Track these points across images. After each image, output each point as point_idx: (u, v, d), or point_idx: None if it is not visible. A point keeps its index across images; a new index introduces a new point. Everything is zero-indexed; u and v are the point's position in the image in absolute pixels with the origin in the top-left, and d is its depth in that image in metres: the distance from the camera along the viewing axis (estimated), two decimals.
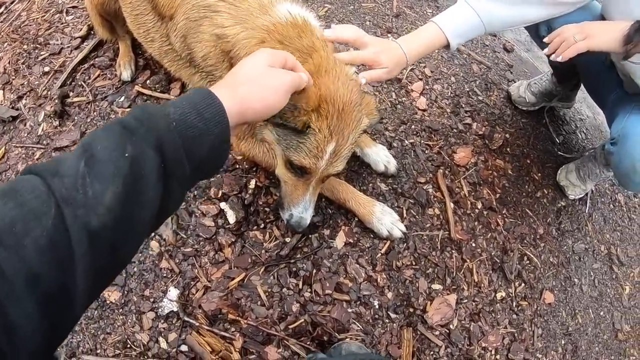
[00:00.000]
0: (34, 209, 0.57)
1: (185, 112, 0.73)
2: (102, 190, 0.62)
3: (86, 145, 0.65)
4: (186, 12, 1.52)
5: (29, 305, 0.55)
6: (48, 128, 1.94)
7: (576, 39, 1.54)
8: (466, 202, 2.00)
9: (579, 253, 2.20)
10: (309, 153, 1.32)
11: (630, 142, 1.64)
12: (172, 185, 0.71)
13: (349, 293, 1.66)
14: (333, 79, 1.28)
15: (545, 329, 1.96)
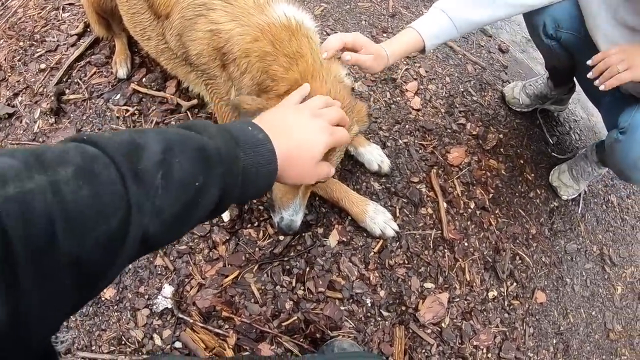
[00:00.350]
0: (107, 206, 0.57)
1: (248, 166, 0.78)
2: (166, 207, 0.65)
3: (167, 152, 0.67)
4: (181, 10, 1.53)
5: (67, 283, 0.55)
6: (44, 125, 1.95)
7: (619, 69, 1.52)
8: (459, 202, 2.01)
9: (571, 253, 2.22)
10: None
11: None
12: (214, 213, 0.77)
13: (341, 291, 1.67)
14: (320, 84, 1.28)
15: (536, 328, 1.97)
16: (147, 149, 0.65)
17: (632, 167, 1.70)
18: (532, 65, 2.83)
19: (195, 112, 1.96)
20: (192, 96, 1.96)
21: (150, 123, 1.91)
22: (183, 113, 1.95)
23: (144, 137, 0.67)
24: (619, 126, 1.72)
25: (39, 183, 0.52)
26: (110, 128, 1.90)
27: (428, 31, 1.61)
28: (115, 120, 1.93)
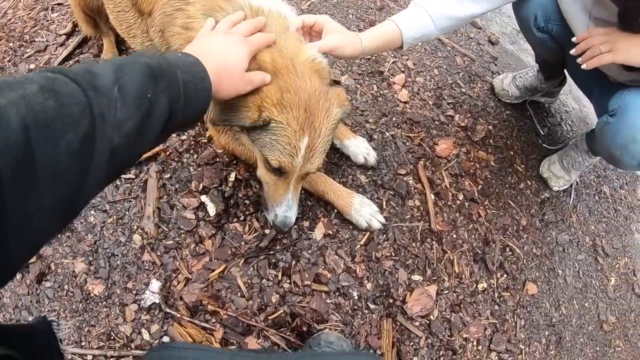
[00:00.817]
0: (72, 114, 0.64)
1: (187, 81, 0.91)
2: (126, 118, 0.74)
3: (118, 71, 0.77)
4: (162, 6, 1.54)
5: (46, 199, 0.61)
6: None
7: (602, 50, 1.52)
8: (447, 194, 2.00)
9: (563, 244, 2.20)
10: (284, 150, 1.32)
11: (632, 112, 1.62)
12: (167, 129, 0.86)
13: (327, 284, 1.67)
14: (293, 70, 1.28)
15: (528, 320, 1.96)
16: (101, 71, 0.75)
17: (622, 148, 1.67)
18: (523, 56, 2.82)
19: None
20: None
21: None
22: None
23: (96, 65, 0.77)
24: (609, 109, 1.71)
25: (10, 98, 0.59)
26: None
27: (407, 27, 1.59)
28: None
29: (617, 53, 1.51)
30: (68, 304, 1.65)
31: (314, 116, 1.30)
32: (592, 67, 1.55)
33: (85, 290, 1.66)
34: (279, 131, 1.30)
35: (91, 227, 1.73)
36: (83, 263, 1.69)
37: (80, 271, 1.68)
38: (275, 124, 1.29)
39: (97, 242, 1.71)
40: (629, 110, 1.63)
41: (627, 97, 1.66)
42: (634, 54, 1.50)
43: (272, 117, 1.28)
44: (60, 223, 0.70)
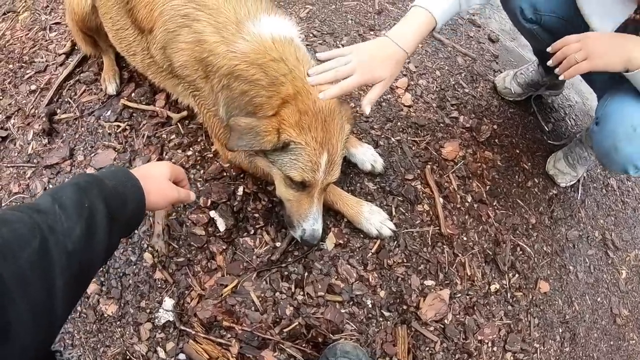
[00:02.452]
0: (24, 234, 0.77)
1: (116, 184, 1.03)
2: (74, 226, 0.86)
3: (54, 195, 0.91)
4: (164, 23, 1.54)
5: (21, 307, 0.71)
6: (38, 146, 1.96)
7: (577, 59, 1.51)
8: (455, 197, 2.00)
9: (573, 240, 2.20)
10: (305, 168, 1.41)
11: (612, 120, 1.64)
12: (114, 229, 0.97)
13: (341, 294, 1.67)
14: (310, 93, 1.36)
15: (541, 319, 1.96)
16: (39, 200, 0.90)
17: (605, 156, 1.72)
18: (523, 53, 2.81)
19: (186, 123, 1.96)
20: (181, 108, 1.96)
21: (142, 137, 1.92)
22: (174, 125, 1.95)
23: (35, 201, 0.92)
24: (595, 116, 1.74)
25: None
26: (102, 145, 1.91)
27: (438, 8, 1.53)
28: (107, 137, 1.94)
29: (592, 59, 1.50)
30: (82, 325, 1.65)
31: (331, 134, 1.40)
32: (571, 77, 1.55)
33: (99, 311, 1.66)
34: (299, 151, 1.39)
35: None
36: (95, 284, 1.69)
37: (93, 292, 1.68)
38: (295, 145, 1.37)
39: (108, 262, 1.71)
40: (610, 119, 1.65)
41: (608, 107, 1.68)
42: (610, 59, 1.49)
43: (291, 138, 1.36)
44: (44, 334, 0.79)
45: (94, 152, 1.90)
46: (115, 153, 1.88)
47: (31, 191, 1.86)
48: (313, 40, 2.34)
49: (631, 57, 1.47)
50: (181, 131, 1.94)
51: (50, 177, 1.87)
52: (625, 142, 1.60)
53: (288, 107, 1.37)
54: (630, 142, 1.59)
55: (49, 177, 1.87)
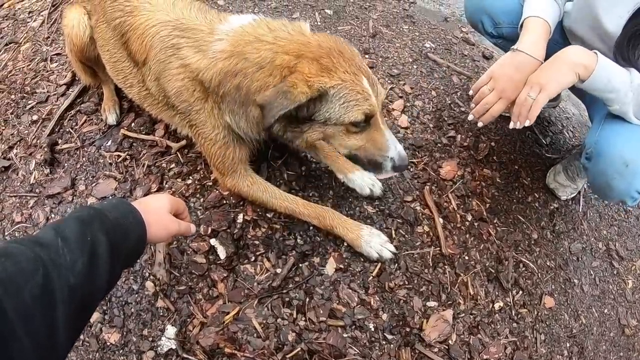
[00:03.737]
0: (27, 268, 0.78)
1: (117, 216, 1.04)
2: (76, 260, 0.87)
3: (56, 228, 0.91)
4: (156, 55, 1.57)
5: (24, 341, 0.72)
6: (40, 176, 1.98)
7: (532, 97, 1.54)
8: (455, 216, 2.00)
9: (577, 253, 2.19)
10: (359, 101, 1.36)
11: (603, 159, 1.62)
12: (116, 261, 0.98)
13: (343, 318, 1.66)
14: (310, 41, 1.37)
15: (548, 334, 1.95)
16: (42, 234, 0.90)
17: (600, 191, 1.77)
18: None
19: (186, 152, 1.97)
20: (180, 137, 1.98)
21: (142, 167, 1.93)
22: (174, 154, 1.96)
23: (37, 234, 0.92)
24: (586, 149, 1.73)
25: None
26: (103, 175, 1.92)
27: (548, 14, 1.63)
28: (108, 166, 1.95)
29: (547, 88, 1.52)
30: (85, 354, 1.64)
31: (352, 59, 1.36)
32: (534, 118, 1.57)
33: (101, 339, 1.65)
34: (342, 91, 1.34)
35: None
36: (97, 312, 1.69)
37: (95, 320, 1.68)
38: (334, 88, 1.33)
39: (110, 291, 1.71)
40: (601, 156, 1.63)
41: (599, 139, 1.66)
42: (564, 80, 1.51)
43: (326, 85, 1.32)
44: None
45: (95, 181, 1.92)
46: (116, 183, 1.89)
47: (33, 220, 1.87)
48: None
49: (574, 62, 1.49)
50: (181, 160, 1.95)
51: (53, 207, 1.88)
52: (619, 179, 1.59)
53: (301, 63, 1.33)
54: (623, 178, 1.58)
55: (51, 206, 1.88)
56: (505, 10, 1.92)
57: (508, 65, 1.63)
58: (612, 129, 1.64)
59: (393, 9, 2.89)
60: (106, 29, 1.77)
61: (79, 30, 1.88)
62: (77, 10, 1.90)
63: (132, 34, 1.63)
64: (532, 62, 1.58)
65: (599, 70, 1.48)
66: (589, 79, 1.50)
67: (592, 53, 1.51)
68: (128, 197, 1.86)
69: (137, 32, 1.61)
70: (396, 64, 2.50)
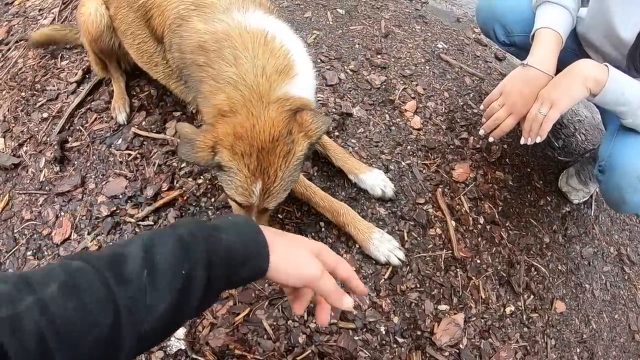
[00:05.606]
0: (93, 314, 0.62)
1: (232, 242, 0.80)
2: (159, 302, 0.69)
3: (148, 250, 0.72)
4: (170, 25, 1.56)
5: None
6: (49, 174, 1.97)
7: (542, 112, 1.52)
8: (468, 219, 1.98)
9: (588, 257, 2.17)
10: (237, 190, 1.33)
11: (617, 173, 1.61)
12: (209, 297, 0.80)
13: (354, 321, 1.64)
14: (249, 113, 1.26)
15: (558, 339, 1.93)
16: (129, 254, 0.71)
17: (614, 205, 1.76)
18: None
19: None
20: None
21: (153, 166, 1.91)
22: None
23: (126, 247, 0.73)
24: (599, 161, 1.71)
25: (27, 303, 0.58)
26: (114, 173, 1.91)
27: (560, 25, 1.61)
28: (119, 165, 1.94)
29: (558, 104, 1.50)
30: None
31: (269, 163, 1.27)
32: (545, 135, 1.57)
33: None
34: (232, 174, 1.31)
35: None
36: None
37: None
38: (227, 168, 1.30)
39: None
40: (615, 170, 1.62)
41: (613, 151, 1.64)
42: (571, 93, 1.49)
43: (223, 162, 1.28)
44: None
45: (105, 180, 1.90)
46: (127, 181, 1.88)
47: (43, 218, 1.86)
48: (321, 66, 2.33)
49: (586, 76, 1.46)
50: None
51: (62, 205, 1.87)
52: (632, 193, 1.59)
53: (225, 124, 1.27)
54: (637, 192, 1.58)
55: (60, 204, 1.87)
56: (517, 19, 1.89)
57: (518, 80, 1.61)
58: (626, 141, 1.62)
59: (405, 8, 2.87)
60: (128, 12, 1.76)
61: (96, 17, 1.87)
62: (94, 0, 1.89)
63: (155, 10, 1.62)
64: (543, 77, 1.55)
65: (611, 84, 1.46)
66: (600, 93, 1.48)
67: (603, 66, 1.48)
68: (138, 195, 1.84)
69: (159, 9, 1.60)
70: (409, 65, 2.48)
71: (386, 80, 2.36)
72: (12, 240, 1.83)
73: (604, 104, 1.54)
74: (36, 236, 1.82)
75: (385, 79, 2.37)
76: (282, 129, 1.27)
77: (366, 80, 2.34)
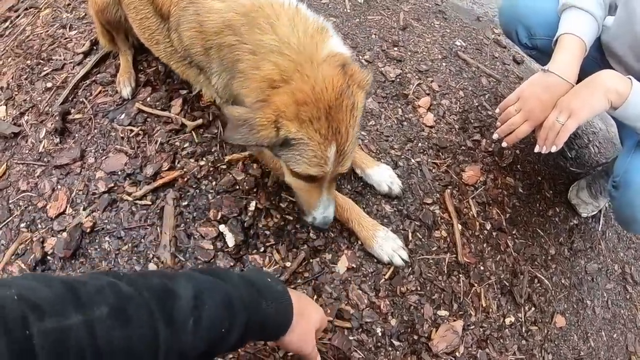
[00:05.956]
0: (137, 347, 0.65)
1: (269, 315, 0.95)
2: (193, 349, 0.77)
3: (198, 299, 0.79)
4: (177, 3, 1.48)
5: None
6: (49, 145, 1.91)
7: (560, 121, 1.46)
8: (474, 223, 1.92)
9: (592, 273, 2.11)
10: (311, 163, 1.25)
11: (632, 190, 1.57)
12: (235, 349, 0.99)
13: (350, 320, 1.59)
14: (304, 76, 1.18)
15: (555, 354, 1.87)
16: (180, 295, 0.77)
17: (625, 223, 1.77)
18: None
19: (201, 132, 1.90)
20: (196, 116, 1.90)
21: (155, 144, 1.85)
22: (188, 133, 1.89)
23: (176, 283, 0.79)
24: (613, 177, 1.66)
25: (75, 321, 0.59)
26: (114, 149, 1.85)
27: (585, 33, 1.55)
28: (120, 140, 1.87)
29: (577, 114, 1.44)
30: None
31: (338, 122, 1.20)
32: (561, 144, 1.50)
33: None
34: (302, 146, 1.22)
35: (105, 254, 1.66)
36: None
37: None
38: (296, 140, 1.21)
39: (111, 269, 1.64)
40: (629, 189, 1.58)
41: (630, 167, 1.60)
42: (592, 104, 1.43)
43: (291, 135, 1.19)
44: None
45: (105, 155, 1.84)
46: (127, 158, 1.82)
47: (39, 190, 1.80)
48: None
49: (608, 88, 1.40)
50: (195, 140, 1.87)
51: (60, 178, 1.81)
52: None
53: (282, 94, 1.18)
54: None
55: (58, 177, 1.81)
56: (541, 21, 1.82)
57: (537, 85, 1.55)
58: None
59: (425, 2, 2.79)
60: None
61: None
62: None
63: None
64: (563, 84, 1.50)
65: (633, 97, 1.40)
66: (621, 106, 1.42)
67: (626, 79, 1.43)
68: (138, 173, 1.78)
69: None
70: (425, 60, 2.41)
71: (401, 74, 2.29)
72: (7, 210, 1.77)
73: (624, 118, 1.49)
74: (31, 208, 1.76)
75: (400, 73, 2.29)
76: (342, 83, 1.20)
77: (381, 72, 2.27)
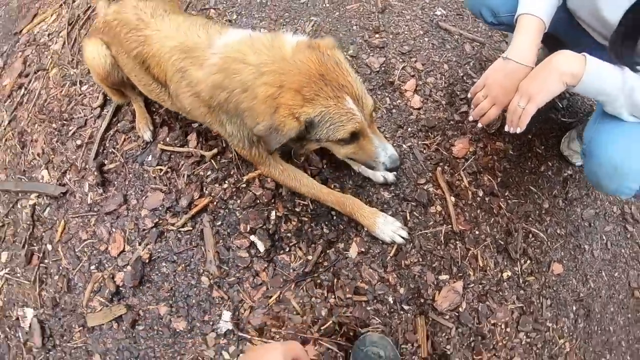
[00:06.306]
0: None
1: None
2: None
3: None
4: (171, 78, 2.29)
5: None
6: (95, 196, 2.95)
7: (521, 106, 1.98)
8: (467, 193, 2.82)
9: (589, 219, 2.92)
10: (344, 122, 1.89)
11: (594, 163, 2.06)
12: None
13: (366, 294, 2.57)
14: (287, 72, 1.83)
15: (554, 299, 2.71)
16: None
17: (595, 187, 2.32)
18: None
19: (218, 159, 2.89)
20: (212, 145, 2.90)
21: (183, 177, 2.86)
22: (208, 162, 2.89)
23: None
24: (583, 143, 2.22)
25: None
26: (150, 188, 2.88)
27: (543, 10, 1.99)
28: (153, 180, 2.90)
29: (535, 98, 1.94)
30: (160, 340, 2.63)
31: (336, 79, 1.84)
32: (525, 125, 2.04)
33: (172, 327, 2.63)
34: (327, 117, 1.86)
35: (165, 277, 2.71)
36: (165, 306, 2.67)
37: (164, 313, 2.66)
38: (319, 116, 1.85)
39: (173, 287, 2.69)
40: (594, 157, 2.06)
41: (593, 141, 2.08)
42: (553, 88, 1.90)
43: (311, 116, 1.84)
44: None
45: (144, 195, 2.88)
46: (163, 194, 2.85)
47: (98, 236, 2.86)
48: None
49: (562, 72, 1.87)
50: (215, 167, 2.88)
51: (112, 222, 2.87)
52: (608, 180, 2.04)
53: (282, 97, 1.81)
54: (612, 181, 2.03)
55: (110, 222, 2.87)
56: (503, 0, 2.39)
57: (499, 72, 2.11)
58: (605, 128, 2.04)
59: None
60: (127, 58, 2.51)
61: (100, 60, 2.67)
62: (94, 43, 2.68)
63: (151, 61, 2.33)
64: (522, 69, 2.01)
65: (588, 77, 1.84)
66: (577, 86, 1.88)
67: (581, 58, 1.86)
68: (175, 205, 2.80)
69: (154, 59, 2.31)
70: (407, 40, 3.27)
71: (385, 61, 3.17)
72: (76, 258, 2.85)
73: (585, 94, 2.02)
74: (95, 252, 2.83)
75: (384, 60, 3.17)
76: (317, 54, 1.86)
77: (365, 64, 3.16)
